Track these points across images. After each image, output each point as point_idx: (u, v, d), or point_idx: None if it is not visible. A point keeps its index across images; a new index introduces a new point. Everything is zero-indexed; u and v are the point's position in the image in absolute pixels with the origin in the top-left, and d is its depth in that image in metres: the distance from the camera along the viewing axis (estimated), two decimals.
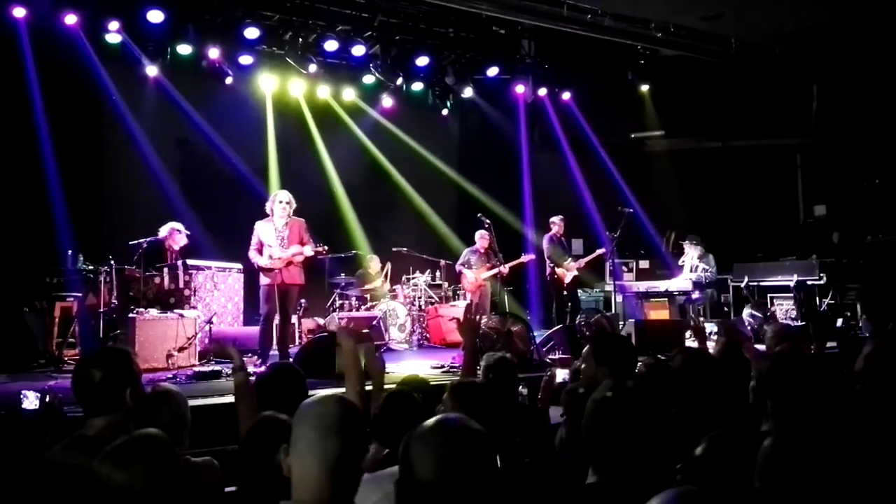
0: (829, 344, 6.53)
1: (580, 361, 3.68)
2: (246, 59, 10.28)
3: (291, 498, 1.88)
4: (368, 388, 3.71)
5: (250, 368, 7.00)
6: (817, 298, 10.80)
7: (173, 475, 2.05)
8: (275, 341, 7.71)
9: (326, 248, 8.04)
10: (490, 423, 2.65)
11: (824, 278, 10.77)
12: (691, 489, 1.62)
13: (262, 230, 7.49)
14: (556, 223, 10.72)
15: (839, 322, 9.66)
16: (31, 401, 3.32)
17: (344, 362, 3.44)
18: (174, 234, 8.34)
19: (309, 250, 7.54)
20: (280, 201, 7.51)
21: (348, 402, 2.00)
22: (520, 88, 11.89)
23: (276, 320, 7.62)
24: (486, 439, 1.78)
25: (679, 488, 1.56)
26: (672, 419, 2.44)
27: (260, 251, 7.45)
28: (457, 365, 7.45)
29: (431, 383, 4.20)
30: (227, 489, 2.94)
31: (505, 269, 10.26)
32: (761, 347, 5.57)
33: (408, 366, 7.65)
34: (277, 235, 7.45)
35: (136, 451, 2.02)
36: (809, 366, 2.86)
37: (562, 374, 4.92)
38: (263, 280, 7.50)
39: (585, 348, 3.70)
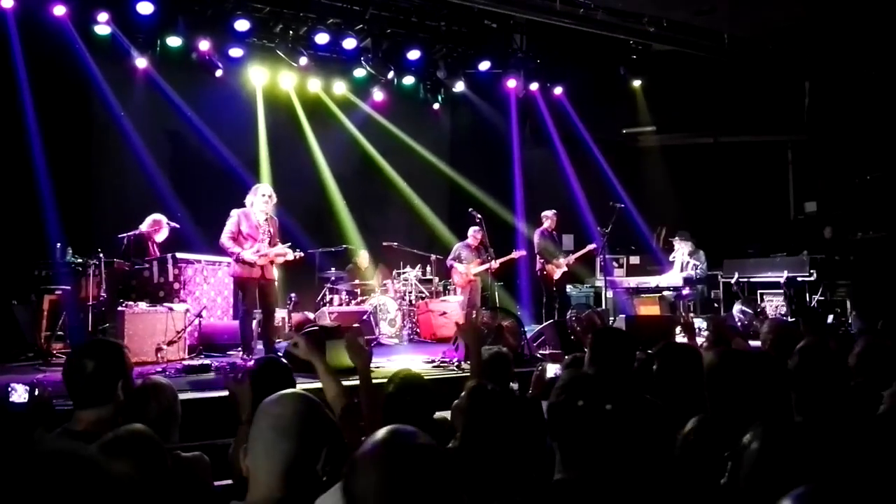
0: None
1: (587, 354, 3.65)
2: (236, 52, 10.24)
3: (245, 499, 1.87)
4: (352, 382, 3.68)
5: (238, 362, 7.04)
6: (807, 295, 10.83)
7: (162, 471, 2.03)
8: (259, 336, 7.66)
9: (302, 255, 8.01)
10: (509, 431, 2.61)
11: (814, 275, 10.80)
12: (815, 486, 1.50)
13: (243, 221, 7.30)
14: (549, 217, 10.72)
15: (830, 318, 9.69)
16: (19, 394, 3.28)
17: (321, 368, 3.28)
18: (156, 226, 8.31)
19: (292, 256, 7.53)
20: (263, 194, 7.40)
21: (310, 400, 1.95)
22: (511, 83, 11.87)
23: (258, 315, 7.55)
24: (439, 456, 1.58)
25: (804, 487, 1.44)
26: (645, 412, 2.39)
27: (236, 240, 7.26)
28: (447, 359, 7.45)
29: (425, 377, 4.18)
30: (218, 483, 2.93)
31: (495, 264, 10.28)
32: (753, 343, 5.58)
33: (399, 360, 7.63)
34: (262, 230, 7.36)
35: (124, 446, 2.00)
36: (837, 360, 2.87)
37: (553, 369, 4.91)
38: (239, 270, 7.30)
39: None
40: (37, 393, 3.25)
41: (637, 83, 12.26)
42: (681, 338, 7.78)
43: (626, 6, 10.17)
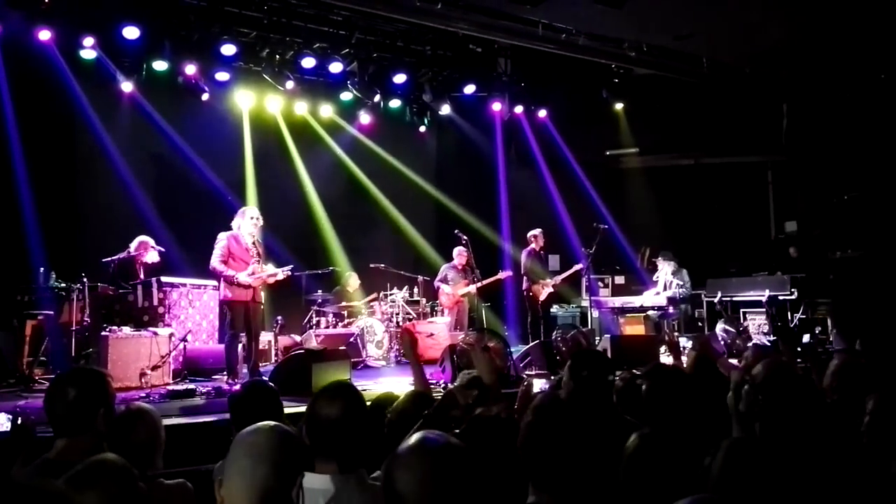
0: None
1: (564, 376, 3.68)
2: (222, 76, 10.28)
3: None
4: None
5: (223, 387, 7.02)
6: (789, 313, 10.93)
7: (132, 501, 2.02)
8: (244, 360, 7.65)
9: (291, 266, 8.06)
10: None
11: (796, 293, 10.91)
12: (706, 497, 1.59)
13: (233, 244, 7.35)
14: (537, 237, 10.75)
15: (806, 338, 9.78)
16: (1, 423, 3.28)
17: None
18: (144, 248, 8.32)
19: (282, 274, 7.55)
20: (252, 217, 7.46)
21: (284, 430, 2.00)
22: (496, 106, 11.99)
23: (244, 339, 7.54)
24: (469, 457, 1.74)
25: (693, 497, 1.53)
26: (621, 432, 2.39)
27: (227, 263, 7.28)
28: (434, 381, 7.46)
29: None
30: None
31: (473, 288, 10.47)
32: (734, 362, 5.64)
33: (386, 383, 7.62)
34: (252, 252, 7.38)
35: (92, 477, 1.98)
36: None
37: (539, 384, 4.95)
38: (230, 294, 7.32)
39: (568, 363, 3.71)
40: (19, 422, 3.24)
41: (619, 106, 12.39)
42: (665, 357, 7.87)
43: (607, 31, 10.31)
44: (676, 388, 3.27)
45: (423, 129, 12.81)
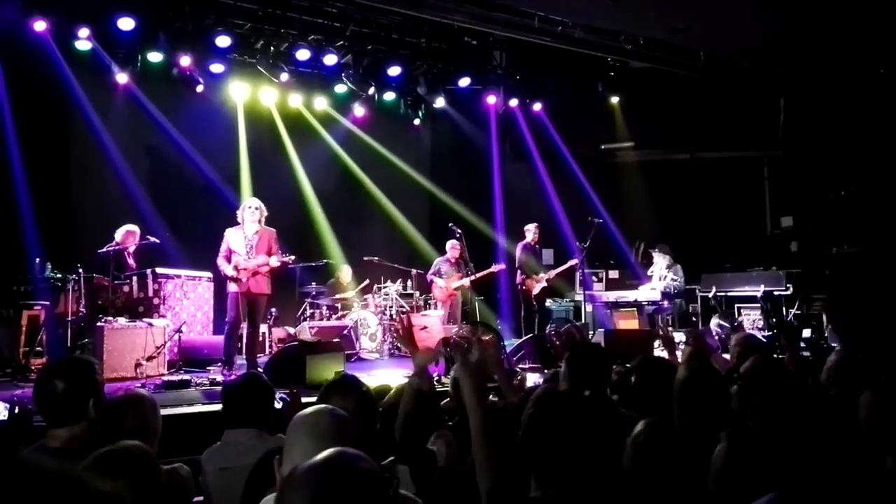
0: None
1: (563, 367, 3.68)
2: (217, 68, 10.23)
3: None
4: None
5: (217, 377, 7.04)
6: (784, 309, 10.95)
7: (157, 487, 2.04)
8: (243, 351, 7.68)
9: (293, 257, 8.05)
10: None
11: (791, 289, 10.93)
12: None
13: (231, 238, 7.50)
14: (531, 231, 10.78)
15: (807, 332, 9.80)
16: None
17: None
18: (128, 236, 8.33)
19: (275, 261, 7.54)
20: (250, 207, 7.56)
21: (341, 412, 2.05)
22: (491, 99, 11.97)
23: (244, 329, 7.58)
24: (377, 484, 1.49)
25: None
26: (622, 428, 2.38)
27: (228, 259, 7.43)
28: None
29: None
30: (196, 499, 2.94)
31: (467, 282, 10.45)
32: (728, 357, 5.65)
33: (379, 375, 7.63)
34: (246, 244, 7.44)
35: (121, 462, 2.01)
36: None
37: (532, 379, 4.96)
38: (231, 288, 7.48)
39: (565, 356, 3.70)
40: (16, 411, 3.25)
41: (615, 99, 12.38)
42: (660, 352, 7.88)
43: (604, 24, 10.29)
44: (665, 379, 3.29)
45: (417, 121, 12.79)
